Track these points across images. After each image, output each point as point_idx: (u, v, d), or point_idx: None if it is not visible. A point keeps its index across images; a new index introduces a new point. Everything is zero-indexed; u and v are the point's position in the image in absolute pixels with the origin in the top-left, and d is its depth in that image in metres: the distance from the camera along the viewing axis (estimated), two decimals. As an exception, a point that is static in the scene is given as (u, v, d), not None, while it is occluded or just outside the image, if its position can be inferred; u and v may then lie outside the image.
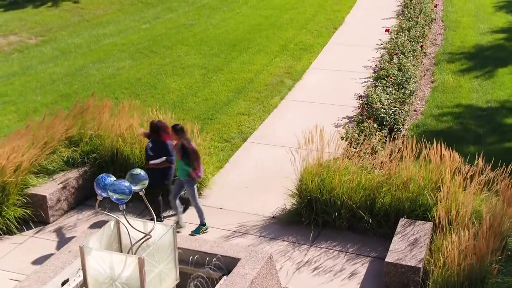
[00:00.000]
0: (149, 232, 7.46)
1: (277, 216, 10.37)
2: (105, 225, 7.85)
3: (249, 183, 11.54)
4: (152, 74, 17.19)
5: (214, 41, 20.28)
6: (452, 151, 9.90)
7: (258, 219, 10.32)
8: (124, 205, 7.34)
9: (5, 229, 9.96)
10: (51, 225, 10.35)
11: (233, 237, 9.82)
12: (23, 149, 10.53)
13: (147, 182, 7.56)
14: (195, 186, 9.92)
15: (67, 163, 11.11)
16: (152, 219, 7.54)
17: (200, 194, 11.03)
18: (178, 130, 9.73)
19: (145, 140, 10.96)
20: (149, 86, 16.29)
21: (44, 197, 10.21)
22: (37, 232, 10.16)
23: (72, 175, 10.87)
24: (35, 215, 10.28)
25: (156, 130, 10.03)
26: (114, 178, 7.36)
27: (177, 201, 10.09)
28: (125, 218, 7.46)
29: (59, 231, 10.16)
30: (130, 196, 7.25)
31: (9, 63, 18.61)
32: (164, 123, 10.17)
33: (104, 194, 7.28)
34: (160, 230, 7.75)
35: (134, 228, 7.38)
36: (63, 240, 9.77)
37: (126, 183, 7.19)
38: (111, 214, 7.79)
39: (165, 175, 10.13)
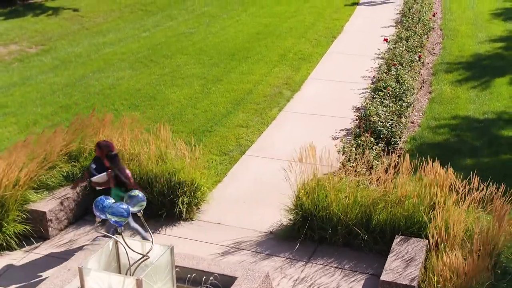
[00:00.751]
0: (147, 253, 7.58)
1: (274, 232, 10.47)
2: (104, 245, 7.97)
3: (247, 197, 11.64)
4: (151, 85, 17.31)
5: (213, 50, 20.40)
6: (447, 166, 9.98)
7: (255, 234, 10.42)
8: (123, 227, 7.47)
9: (5, 245, 10.06)
10: (51, 240, 10.45)
11: (230, 253, 9.92)
12: (21, 164, 10.64)
13: (145, 203, 7.69)
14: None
15: (67, 178, 11.21)
16: (146, 237, 7.65)
17: (198, 209, 11.15)
18: (112, 159, 9.40)
19: (145, 155, 11.12)
20: (148, 97, 16.41)
21: (44, 213, 10.32)
22: (36, 248, 10.26)
23: (71, 191, 10.97)
24: (35, 230, 10.38)
25: (101, 150, 9.65)
26: (113, 200, 7.50)
27: (133, 223, 9.76)
28: (123, 239, 7.58)
29: (58, 247, 10.26)
30: (129, 219, 7.38)
31: (9, 73, 18.74)
32: (109, 143, 9.81)
33: (103, 216, 7.41)
34: (158, 250, 7.87)
35: (132, 249, 7.50)
36: (62, 257, 9.87)
37: (124, 206, 7.32)
38: (109, 235, 7.92)
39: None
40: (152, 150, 11.24)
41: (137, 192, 7.60)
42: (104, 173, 9.51)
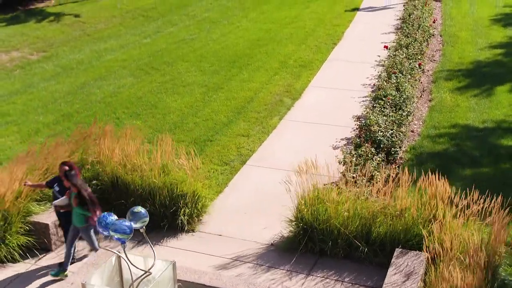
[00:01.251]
0: (149, 269, 7.66)
1: (275, 243, 10.56)
2: (107, 260, 8.06)
3: (248, 208, 11.73)
4: (153, 93, 17.40)
5: (214, 57, 20.49)
6: (446, 177, 10.06)
7: (256, 246, 10.50)
8: (126, 243, 7.56)
9: (9, 257, 10.16)
10: (54, 252, 10.54)
11: (231, 266, 10.00)
12: (24, 175, 10.73)
13: (147, 219, 7.78)
14: (92, 232, 9.73)
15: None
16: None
17: (199, 220, 11.24)
18: (70, 177, 9.42)
19: (147, 166, 11.22)
20: (149, 105, 16.50)
21: (47, 225, 10.41)
22: (39, 260, 10.35)
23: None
24: (38, 242, 10.47)
25: (60, 170, 9.73)
26: (116, 217, 7.58)
27: (72, 249, 9.88)
28: (125, 254, 7.66)
29: (60, 259, 10.32)
30: (131, 235, 7.47)
31: (11, 80, 18.84)
32: (67, 163, 9.84)
33: (106, 233, 7.49)
34: (160, 266, 7.97)
35: (134, 266, 7.58)
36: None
37: (127, 223, 7.41)
38: (112, 250, 8.00)
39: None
40: (153, 162, 11.32)
41: (140, 209, 7.69)
42: (64, 197, 9.52)
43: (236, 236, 10.82)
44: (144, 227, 7.74)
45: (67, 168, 9.65)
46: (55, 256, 10.46)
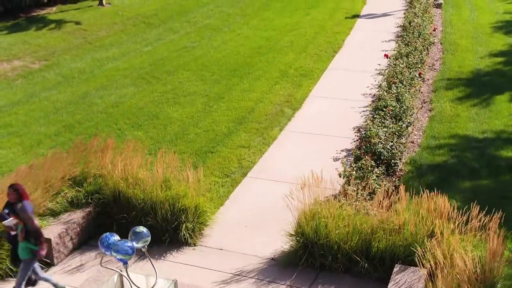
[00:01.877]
0: (151, 288, 7.76)
1: (276, 258, 10.63)
2: (109, 279, 8.14)
3: (249, 221, 11.81)
4: (154, 103, 17.48)
5: (215, 65, 20.58)
6: (446, 189, 10.15)
7: (257, 261, 10.58)
8: (128, 263, 7.65)
9: (10, 272, 10.23)
10: (57, 266, 10.62)
11: (232, 281, 10.08)
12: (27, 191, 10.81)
13: (149, 239, 7.87)
14: (34, 266, 9.45)
15: (71, 204, 11.39)
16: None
17: (201, 233, 11.31)
18: (18, 210, 9.11)
19: (149, 180, 11.32)
20: (151, 116, 16.58)
21: (49, 240, 10.48)
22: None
23: (76, 216, 11.16)
24: (40, 257, 10.55)
25: (13, 194, 9.33)
26: (118, 238, 7.67)
27: (43, 274, 9.74)
28: (127, 273, 7.75)
29: (63, 273, 10.43)
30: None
31: (13, 90, 18.93)
32: (19, 187, 9.42)
33: (108, 253, 7.58)
34: (162, 284, 8.05)
35: (135, 285, 7.66)
36: (68, 284, 10.01)
37: (129, 243, 7.50)
38: (114, 269, 8.09)
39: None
40: (155, 176, 11.40)
41: (142, 228, 7.78)
42: (11, 218, 9.18)
43: (237, 250, 10.90)
44: (146, 246, 7.84)
45: (14, 194, 9.22)
46: (58, 270, 10.54)
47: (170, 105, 17.25)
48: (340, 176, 12.50)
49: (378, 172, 12.44)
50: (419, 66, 19.07)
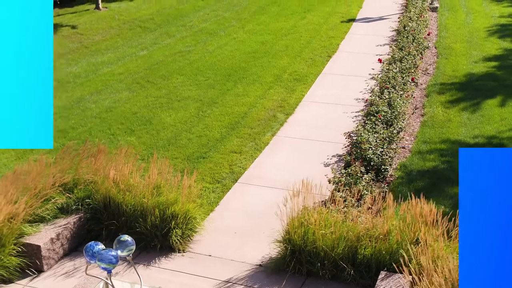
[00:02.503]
0: (136, 297, 7.85)
1: (264, 264, 10.72)
2: (95, 287, 8.23)
3: (238, 228, 11.89)
4: (148, 108, 17.58)
5: (210, 70, 20.68)
6: (435, 195, 10.22)
7: (246, 267, 10.66)
8: (112, 272, 7.74)
9: (5, 276, 10.33)
10: (46, 273, 10.70)
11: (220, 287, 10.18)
12: (16, 197, 10.90)
13: (134, 247, 7.97)
14: None
15: (61, 210, 11.47)
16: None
17: (190, 240, 11.40)
18: None
19: (140, 186, 11.40)
20: (144, 121, 16.68)
21: (39, 247, 10.57)
22: (31, 281, 10.51)
23: (65, 222, 11.23)
24: (31, 263, 10.63)
25: None
26: (103, 246, 7.76)
27: None
28: (111, 282, 7.84)
29: (52, 280, 10.52)
30: (117, 265, 7.65)
31: (8, 94, 18.99)
32: None
33: (93, 262, 7.68)
34: (147, 292, 8.13)
35: (121, 293, 7.76)
36: (56, 290, 10.14)
37: (113, 252, 7.59)
38: (99, 277, 8.17)
39: None
40: (146, 182, 11.49)
41: (126, 237, 7.87)
42: None
43: (226, 257, 10.98)
44: (131, 255, 7.93)
45: None
46: (48, 276, 10.62)
47: (164, 110, 17.35)
48: (329, 182, 12.59)
49: (367, 178, 12.52)
50: (412, 71, 19.14)
